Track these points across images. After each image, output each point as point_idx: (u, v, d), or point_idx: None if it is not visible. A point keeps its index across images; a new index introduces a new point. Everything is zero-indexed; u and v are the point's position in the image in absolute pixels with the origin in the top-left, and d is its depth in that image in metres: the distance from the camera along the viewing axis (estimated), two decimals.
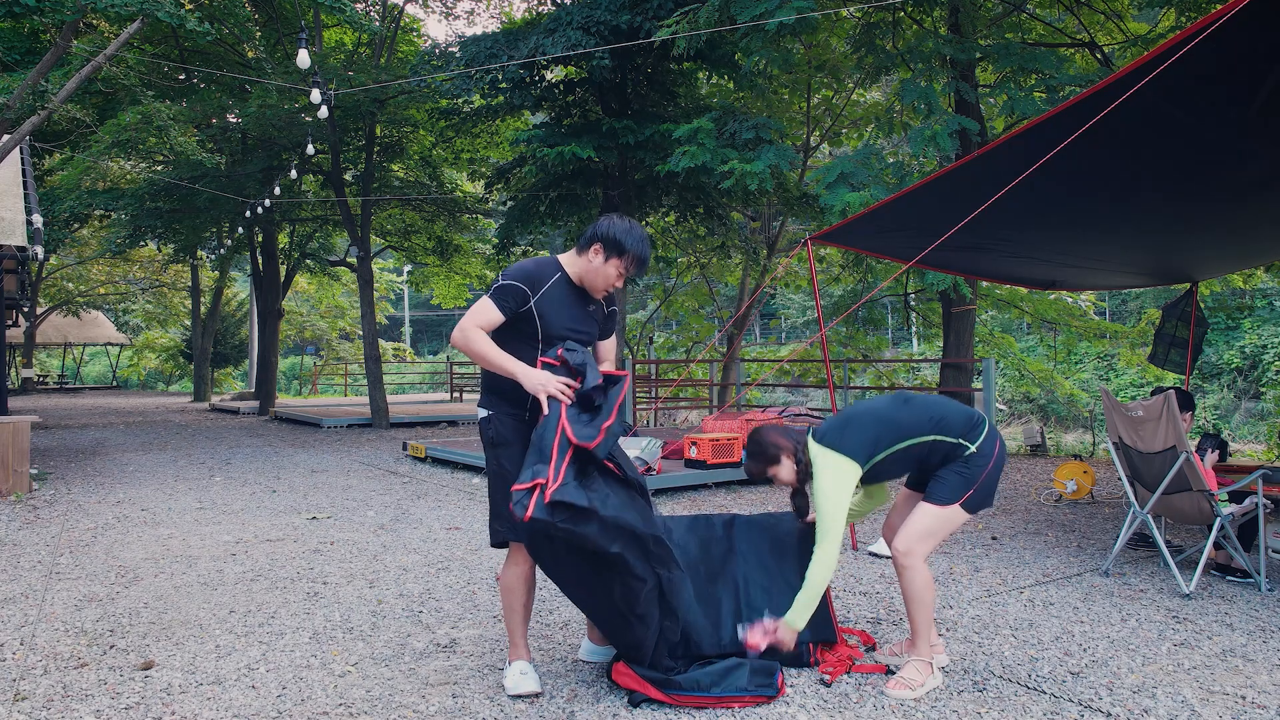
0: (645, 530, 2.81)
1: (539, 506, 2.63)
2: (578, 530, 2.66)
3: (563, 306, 2.98)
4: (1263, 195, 4.90)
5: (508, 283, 2.92)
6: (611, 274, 2.99)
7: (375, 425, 14.26)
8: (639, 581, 2.81)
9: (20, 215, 9.41)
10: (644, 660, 2.96)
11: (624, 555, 2.75)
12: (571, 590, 2.96)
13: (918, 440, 3.11)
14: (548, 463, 2.71)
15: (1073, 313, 14.93)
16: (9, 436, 7.28)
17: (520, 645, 3.10)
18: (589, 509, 2.65)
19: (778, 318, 34.63)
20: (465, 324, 2.91)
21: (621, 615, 2.88)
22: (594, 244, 2.97)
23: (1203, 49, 3.22)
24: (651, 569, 2.85)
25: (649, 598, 2.86)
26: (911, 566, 3.06)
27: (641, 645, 2.94)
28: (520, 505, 2.64)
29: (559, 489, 2.64)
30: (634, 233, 2.97)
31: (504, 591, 3.07)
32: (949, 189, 4.89)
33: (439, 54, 11.97)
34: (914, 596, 3.08)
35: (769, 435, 3.25)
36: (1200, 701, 2.95)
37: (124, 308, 32.30)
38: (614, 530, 2.73)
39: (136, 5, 7.42)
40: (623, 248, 2.95)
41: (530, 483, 2.68)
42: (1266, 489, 4.53)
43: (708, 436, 7.59)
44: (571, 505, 2.63)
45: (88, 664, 3.33)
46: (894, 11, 9.23)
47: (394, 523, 6.12)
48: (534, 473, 2.69)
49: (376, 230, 18.06)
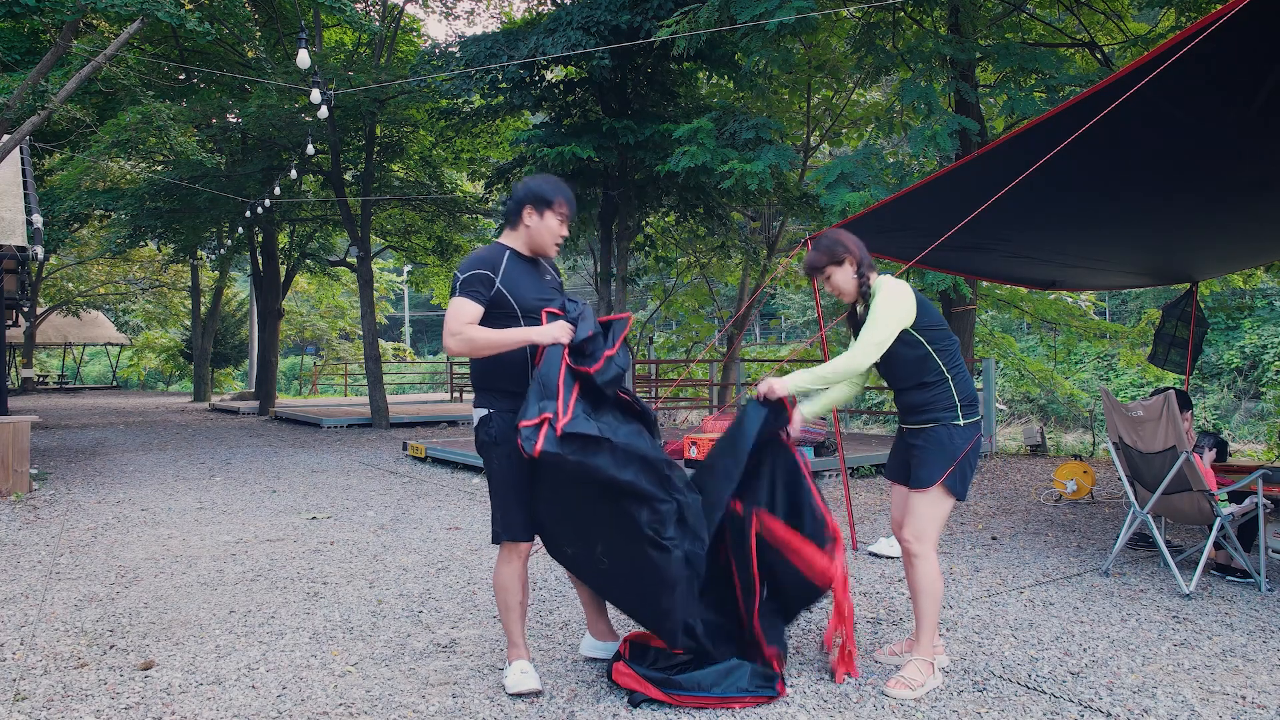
0: (656, 455, 2.83)
1: (549, 440, 2.64)
2: (588, 461, 2.68)
3: (524, 278, 3.02)
4: (1263, 195, 4.90)
5: (470, 273, 2.94)
6: (555, 225, 3.06)
7: (375, 425, 14.26)
8: (661, 503, 2.80)
9: (20, 215, 9.41)
10: (675, 631, 2.90)
11: (637, 482, 2.75)
12: (588, 574, 2.99)
13: (946, 364, 3.12)
14: (554, 399, 2.72)
15: (1073, 313, 14.92)
16: (9, 436, 7.28)
17: (519, 644, 3.09)
18: (600, 438, 2.68)
19: (778, 318, 34.62)
20: (454, 328, 2.89)
21: (645, 569, 2.81)
22: (524, 209, 3.04)
23: (1203, 49, 3.22)
24: (669, 493, 2.85)
25: (672, 520, 2.83)
26: (922, 555, 3.07)
27: (671, 610, 2.86)
28: (529, 440, 2.65)
29: (570, 422, 2.66)
30: (549, 181, 3.06)
31: (499, 590, 3.07)
32: (949, 189, 4.89)
33: (439, 54, 11.96)
34: (923, 589, 3.07)
35: (842, 235, 3.24)
36: (1200, 701, 2.95)
37: (124, 308, 32.30)
38: (625, 457, 2.74)
39: (136, 5, 7.42)
40: (549, 198, 3.03)
41: (538, 418, 2.69)
42: (1266, 489, 4.53)
43: (708, 436, 7.59)
44: (583, 436, 2.65)
45: (88, 664, 3.33)
46: (894, 11, 9.22)
47: (394, 523, 6.12)
48: (540, 408, 2.71)
49: (376, 230, 18.06)
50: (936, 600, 3.07)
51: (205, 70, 13.34)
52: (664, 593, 2.86)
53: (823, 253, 3.22)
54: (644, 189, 12.49)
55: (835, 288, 3.24)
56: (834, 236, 3.25)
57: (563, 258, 24.40)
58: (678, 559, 2.84)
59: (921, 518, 3.08)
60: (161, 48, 14.04)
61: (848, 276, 3.20)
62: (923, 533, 3.07)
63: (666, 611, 2.88)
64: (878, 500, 7.06)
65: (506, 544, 3.02)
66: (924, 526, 3.08)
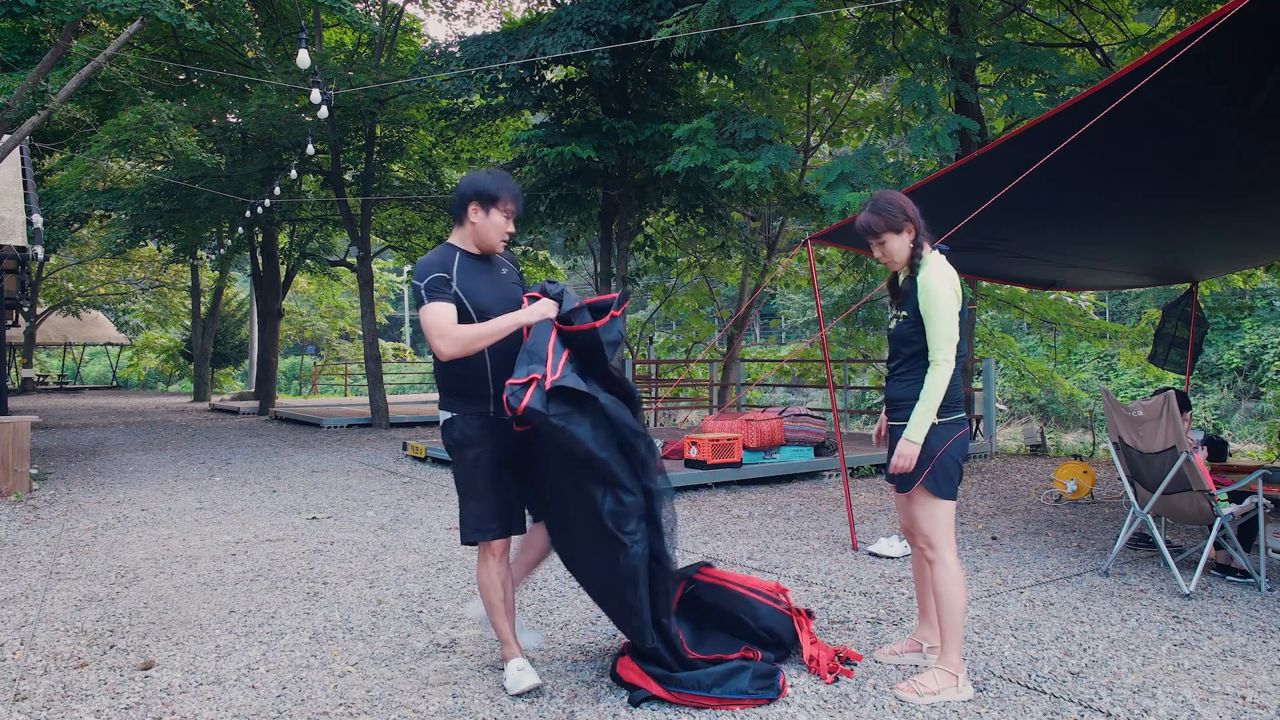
0: (637, 427, 2.83)
1: (536, 396, 2.66)
2: (568, 428, 2.68)
3: (478, 277, 3.00)
4: (1263, 195, 4.91)
5: (430, 277, 2.91)
6: (500, 222, 3.02)
7: (375, 425, 14.26)
8: (627, 494, 2.80)
9: (20, 215, 9.41)
10: (642, 629, 2.90)
11: (610, 465, 2.76)
12: (565, 553, 3.04)
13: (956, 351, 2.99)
14: (543, 362, 2.74)
15: (1073, 313, 14.93)
16: (9, 436, 7.28)
17: (511, 643, 3.09)
18: (588, 394, 2.69)
19: (778, 318, 34.61)
20: (441, 333, 2.85)
21: (611, 562, 2.83)
22: (469, 205, 3.00)
23: (1203, 49, 3.22)
24: (639, 482, 2.85)
25: (636, 515, 2.83)
26: (936, 560, 2.98)
27: (637, 606, 2.86)
28: (515, 397, 2.66)
29: (559, 378, 2.67)
30: (494, 176, 3.02)
31: (482, 591, 3.06)
32: (949, 189, 4.89)
33: (439, 54, 11.98)
34: (940, 595, 2.96)
35: (903, 200, 3.05)
36: (1200, 701, 2.95)
37: (124, 308, 32.31)
38: (606, 429, 2.75)
39: (136, 5, 7.42)
40: (494, 194, 3.00)
41: (526, 377, 2.71)
42: (1266, 489, 4.53)
43: (708, 436, 7.59)
44: (571, 390, 2.67)
45: (88, 664, 3.33)
46: (894, 11, 9.23)
47: (394, 523, 6.12)
48: (529, 370, 2.73)
49: (376, 230, 18.06)
50: (956, 609, 2.94)
51: (205, 70, 13.35)
52: (627, 587, 2.85)
53: (882, 217, 3.03)
54: (644, 189, 12.49)
55: (887, 254, 3.07)
56: (894, 201, 3.04)
57: (563, 258, 24.40)
58: (636, 554, 2.82)
59: (923, 522, 3.02)
60: (161, 48, 14.04)
61: (903, 245, 3.04)
62: (931, 538, 3.00)
63: (633, 607, 2.87)
64: (878, 500, 7.06)
65: (481, 544, 3.01)
66: (929, 531, 3.01)
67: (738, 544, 5.42)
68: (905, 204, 3.04)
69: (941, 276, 2.97)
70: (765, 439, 8.15)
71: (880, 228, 3.04)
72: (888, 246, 3.06)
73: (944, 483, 2.98)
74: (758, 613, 3.24)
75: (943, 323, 2.92)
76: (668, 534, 2.94)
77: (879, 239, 3.07)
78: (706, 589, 3.33)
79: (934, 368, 2.93)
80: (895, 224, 3.02)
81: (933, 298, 2.94)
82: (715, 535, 5.70)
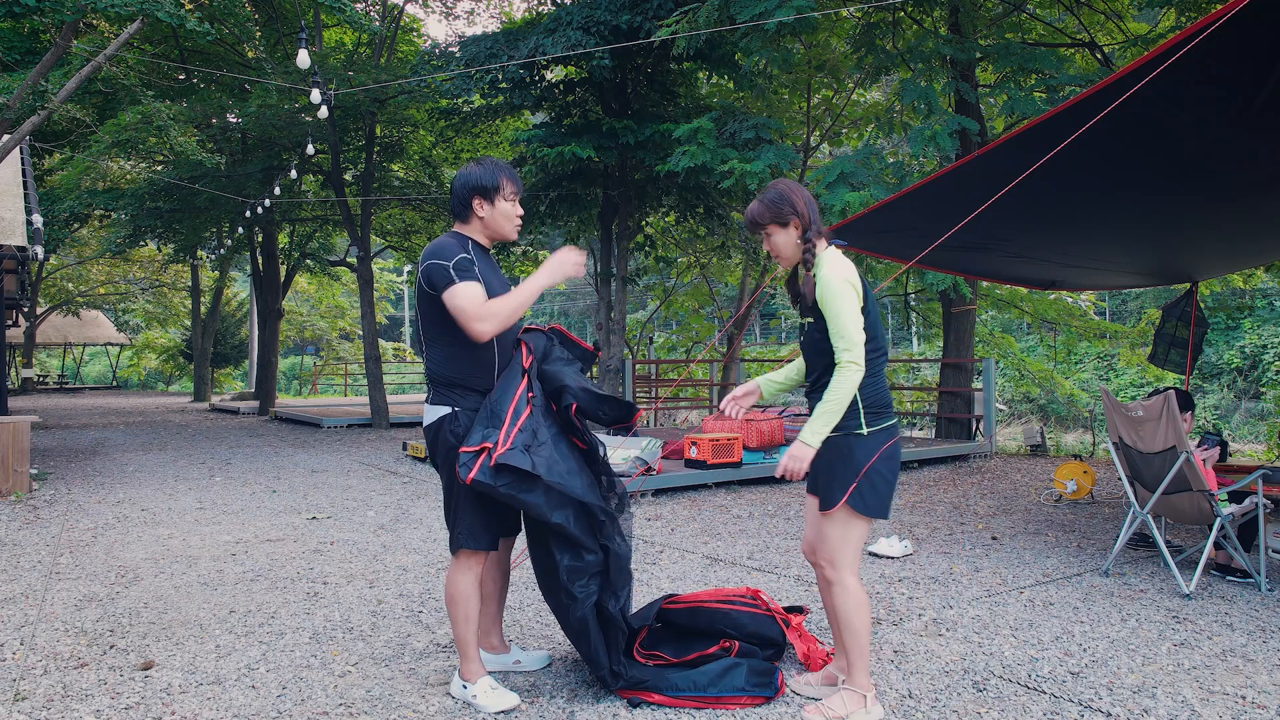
0: (591, 500, 2.82)
1: (483, 470, 2.67)
2: (519, 496, 2.70)
3: (489, 270, 2.95)
4: (1263, 195, 4.90)
5: (457, 257, 2.82)
6: (508, 208, 2.97)
7: (375, 425, 14.26)
8: (587, 552, 2.82)
9: (20, 215, 9.41)
10: (603, 675, 2.90)
11: (566, 526, 2.77)
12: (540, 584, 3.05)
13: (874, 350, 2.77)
14: (499, 427, 2.74)
15: (1073, 313, 14.93)
16: (9, 436, 7.28)
17: (475, 659, 2.91)
18: (533, 475, 2.69)
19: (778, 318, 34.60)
20: (480, 313, 2.75)
21: (563, 614, 2.87)
22: (473, 201, 2.93)
23: (1203, 49, 3.22)
24: (597, 541, 2.86)
25: (591, 573, 2.85)
26: (837, 581, 2.76)
27: (593, 657, 2.87)
28: (465, 467, 2.68)
29: (505, 453, 2.68)
30: (484, 165, 2.96)
31: (457, 601, 2.88)
32: (949, 189, 4.90)
33: (439, 54, 11.98)
34: (842, 619, 2.77)
35: (793, 190, 2.84)
36: (1200, 701, 2.95)
37: (124, 308, 32.30)
38: (557, 498, 2.75)
39: (136, 5, 7.41)
40: (493, 183, 2.93)
41: (478, 445, 2.71)
42: (1266, 489, 4.53)
43: (708, 436, 7.58)
44: (514, 469, 2.67)
45: (88, 664, 3.33)
46: (894, 11, 9.23)
47: (394, 523, 6.12)
48: (483, 436, 2.74)
49: (376, 230, 18.06)
50: (860, 632, 2.75)
51: (205, 70, 13.34)
52: (580, 639, 2.88)
53: (767, 208, 2.84)
54: (644, 189, 12.50)
55: (774, 249, 2.87)
56: (784, 192, 2.84)
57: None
58: (587, 609, 2.83)
59: (830, 541, 2.76)
60: (161, 48, 14.04)
61: (789, 240, 2.83)
62: (835, 558, 2.76)
63: (590, 657, 2.89)
64: None
65: (465, 551, 2.87)
66: (834, 551, 2.76)
67: (738, 544, 5.42)
68: (796, 196, 2.83)
69: (836, 271, 2.73)
70: (765, 439, 8.15)
71: (765, 219, 2.85)
72: (774, 240, 2.86)
73: (872, 500, 2.73)
74: (740, 622, 3.21)
75: (843, 320, 2.68)
76: (617, 595, 2.89)
77: (764, 231, 2.87)
78: (681, 614, 3.27)
79: (839, 370, 2.67)
80: (781, 216, 2.82)
81: (829, 295, 2.71)
82: (715, 535, 5.70)
